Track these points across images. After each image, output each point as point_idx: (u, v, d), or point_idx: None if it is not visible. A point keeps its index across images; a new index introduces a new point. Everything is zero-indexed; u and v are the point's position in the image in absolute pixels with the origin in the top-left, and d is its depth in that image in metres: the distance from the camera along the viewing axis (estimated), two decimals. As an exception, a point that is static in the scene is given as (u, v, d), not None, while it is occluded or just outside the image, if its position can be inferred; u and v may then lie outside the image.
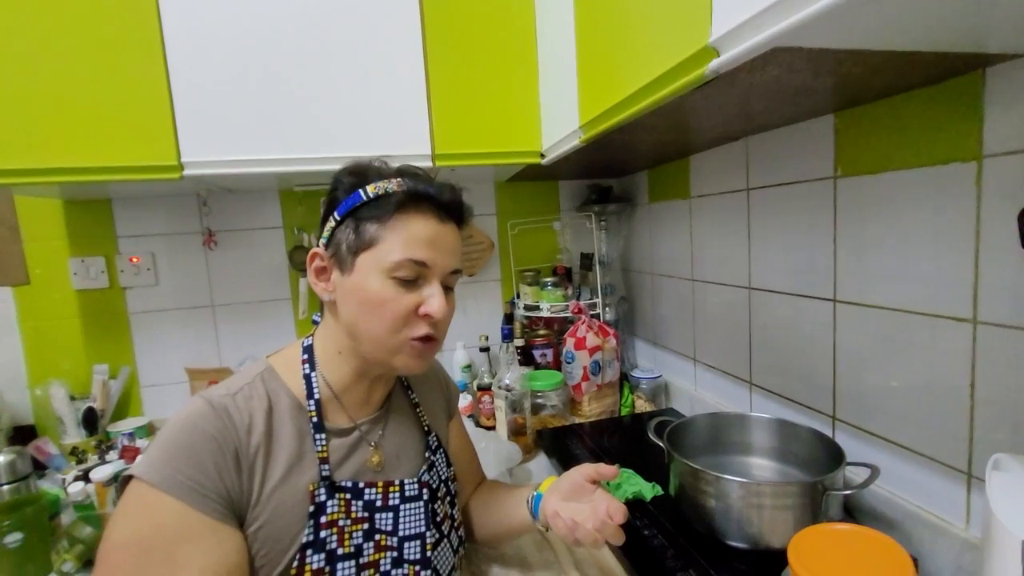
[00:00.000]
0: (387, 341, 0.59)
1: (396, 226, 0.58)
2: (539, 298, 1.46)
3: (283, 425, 0.57)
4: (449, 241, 0.62)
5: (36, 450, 1.12)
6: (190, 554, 0.47)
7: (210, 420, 0.52)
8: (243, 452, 0.53)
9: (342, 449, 0.61)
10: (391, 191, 0.58)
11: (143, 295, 1.38)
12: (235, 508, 0.52)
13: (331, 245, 0.60)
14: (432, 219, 0.60)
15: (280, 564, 0.53)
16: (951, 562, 0.68)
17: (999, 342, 0.62)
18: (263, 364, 0.62)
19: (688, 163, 1.24)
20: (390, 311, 0.58)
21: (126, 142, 1.01)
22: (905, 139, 0.71)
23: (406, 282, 0.58)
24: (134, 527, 0.48)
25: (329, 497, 0.56)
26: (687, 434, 0.89)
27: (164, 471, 0.49)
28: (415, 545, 0.62)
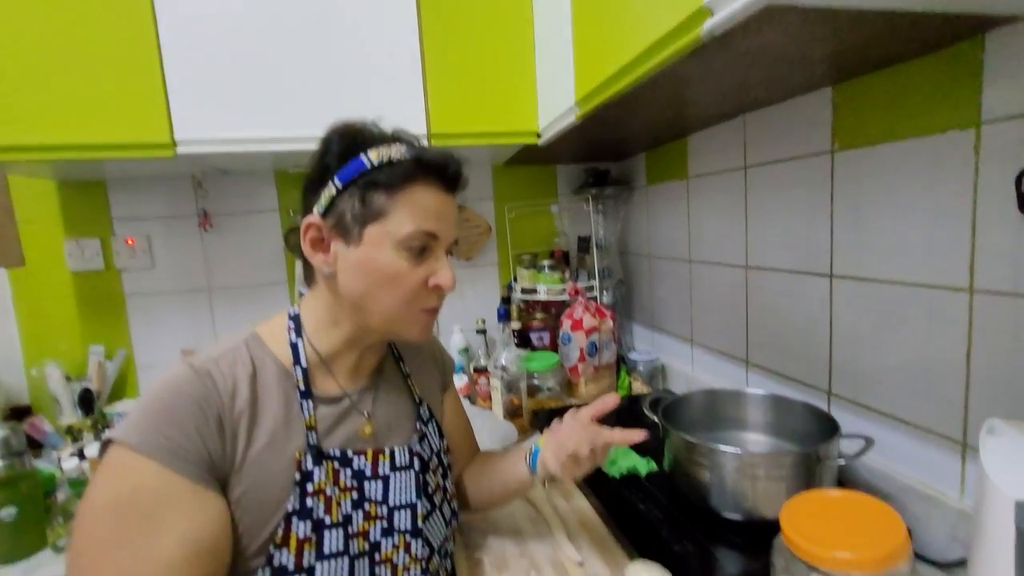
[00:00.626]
0: (398, 314, 0.59)
1: (406, 196, 0.56)
2: (536, 281, 1.46)
3: (269, 392, 0.56)
4: (451, 210, 0.61)
5: (31, 428, 1.12)
6: (171, 518, 0.46)
7: (192, 384, 0.51)
8: (226, 417, 0.52)
9: (331, 418, 0.60)
10: (396, 159, 0.56)
11: (139, 277, 1.37)
12: (217, 473, 0.51)
13: (330, 215, 0.57)
14: (439, 190, 0.59)
15: (264, 531, 0.52)
16: (945, 532, 0.68)
17: (996, 310, 0.61)
18: (248, 331, 0.61)
19: (686, 143, 1.23)
20: (404, 285, 0.57)
21: (118, 119, 1.00)
22: (903, 110, 0.70)
23: (416, 254, 0.57)
24: (113, 490, 0.47)
25: (316, 465, 0.55)
26: (682, 410, 0.89)
27: (144, 434, 0.48)
28: (406, 515, 0.61)
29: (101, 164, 1.13)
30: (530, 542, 0.76)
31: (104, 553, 0.45)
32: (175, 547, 0.46)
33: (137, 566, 0.45)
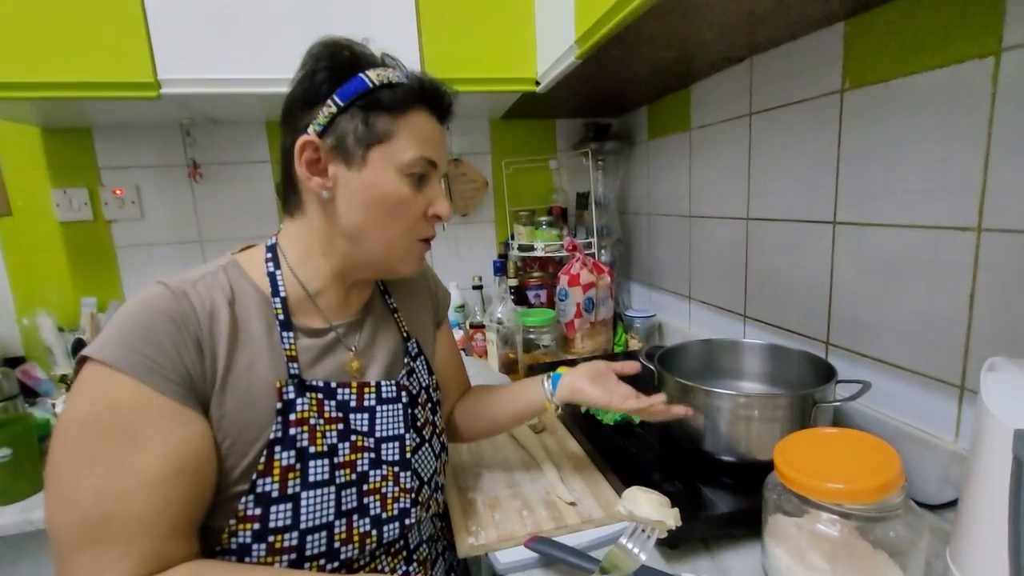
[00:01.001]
0: (398, 243, 0.58)
1: (411, 121, 0.55)
2: (534, 238, 1.43)
3: (249, 318, 0.54)
4: (444, 140, 0.61)
5: (23, 375, 1.11)
6: (150, 435, 0.45)
7: (168, 302, 0.50)
8: (204, 337, 0.50)
9: (315, 350, 0.58)
10: (398, 82, 0.54)
11: (129, 228, 1.35)
12: (197, 393, 0.49)
13: (329, 134, 0.53)
14: (434, 117, 0.59)
15: (247, 457, 0.51)
16: (937, 475, 0.68)
17: (1003, 248, 0.59)
18: (227, 258, 0.58)
19: (689, 93, 1.19)
20: (407, 213, 0.57)
21: (100, 57, 0.96)
22: (919, 40, 0.66)
23: (417, 181, 0.57)
24: (90, 406, 0.45)
25: (299, 395, 0.54)
26: (679, 359, 0.88)
27: (119, 350, 0.46)
28: (394, 446, 0.61)
29: (85, 108, 1.10)
30: (523, 484, 0.76)
31: (83, 469, 0.44)
32: (157, 464, 0.45)
33: (117, 480, 0.44)
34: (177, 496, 0.46)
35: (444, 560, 0.70)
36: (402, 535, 0.59)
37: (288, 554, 0.51)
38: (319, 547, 0.52)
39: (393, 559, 0.60)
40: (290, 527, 0.51)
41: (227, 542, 0.50)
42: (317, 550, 0.52)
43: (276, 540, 0.50)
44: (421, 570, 0.63)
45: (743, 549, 0.62)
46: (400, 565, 0.61)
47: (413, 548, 0.63)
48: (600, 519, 0.68)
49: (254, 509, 0.50)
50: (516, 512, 0.70)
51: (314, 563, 0.52)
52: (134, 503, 0.44)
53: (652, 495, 0.54)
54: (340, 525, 0.54)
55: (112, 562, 0.43)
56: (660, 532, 0.52)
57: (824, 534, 0.50)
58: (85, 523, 0.43)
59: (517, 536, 0.65)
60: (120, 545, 0.43)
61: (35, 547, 0.86)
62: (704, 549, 0.63)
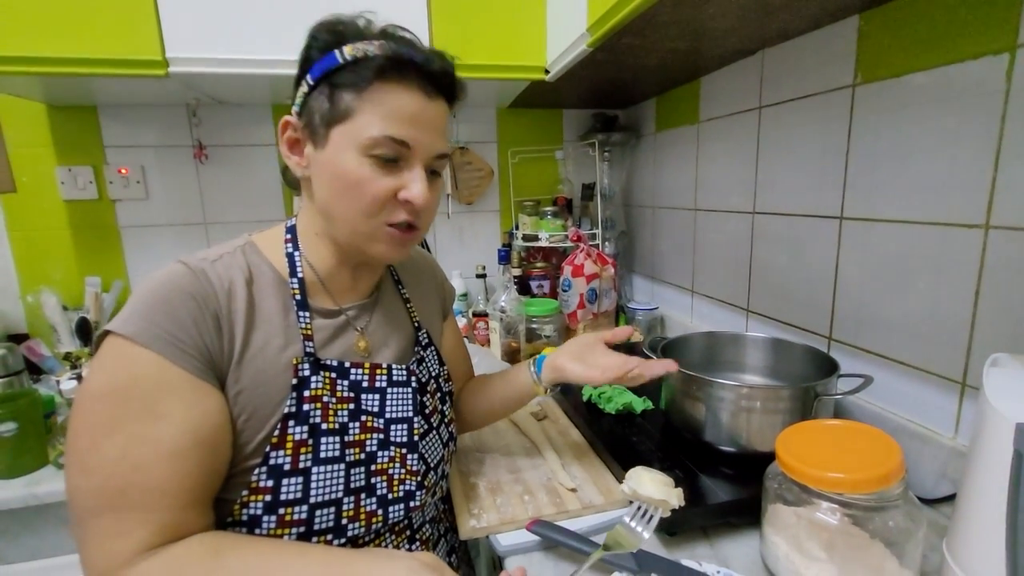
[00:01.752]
0: (361, 226, 0.54)
1: (375, 97, 0.51)
2: (538, 228, 1.43)
3: (266, 298, 0.55)
4: (436, 119, 0.55)
5: (28, 351, 1.12)
6: (170, 407, 0.46)
7: (188, 279, 0.50)
8: (223, 315, 0.51)
9: (328, 330, 0.59)
10: (372, 54, 0.51)
11: (133, 208, 1.35)
12: (215, 369, 0.50)
13: (304, 113, 0.54)
14: (417, 92, 0.52)
15: (262, 431, 0.52)
16: (936, 470, 0.68)
17: (1010, 246, 0.60)
18: (244, 239, 0.59)
19: (699, 85, 1.18)
20: (366, 194, 0.52)
21: (108, 33, 0.96)
22: (934, 35, 0.66)
23: (385, 163, 0.52)
24: (111, 378, 0.46)
25: (313, 373, 0.55)
26: (682, 350, 0.88)
27: (140, 324, 0.47)
28: (402, 429, 0.61)
29: (91, 85, 1.09)
30: (525, 470, 0.77)
31: (102, 439, 0.45)
32: (176, 436, 0.46)
33: (137, 450, 0.45)
34: (194, 468, 0.47)
35: (446, 541, 0.71)
36: (407, 516, 0.60)
37: (297, 527, 0.52)
38: (327, 522, 0.53)
39: (397, 537, 0.61)
40: (300, 500, 0.52)
41: (238, 513, 0.51)
42: (325, 525, 0.53)
43: (286, 512, 0.51)
44: (424, 549, 0.64)
45: (742, 538, 0.63)
46: (403, 544, 0.62)
47: (416, 528, 0.64)
48: (600, 505, 0.68)
49: (266, 481, 0.51)
50: (518, 496, 0.71)
51: (322, 538, 0.53)
52: (153, 473, 0.45)
53: (656, 475, 0.55)
54: (348, 502, 0.55)
55: (130, 528, 0.44)
56: (663, 511, 0.53)
57: (823, 523, 0.51)
58: (105, 490, 0.44)
59: (518, 520, 0.65)
60: (138, 512, 0.44)
61: (40, 520, 0.87)
62: (703, 537, 0.63)
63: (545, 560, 0.61)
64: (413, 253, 0.79)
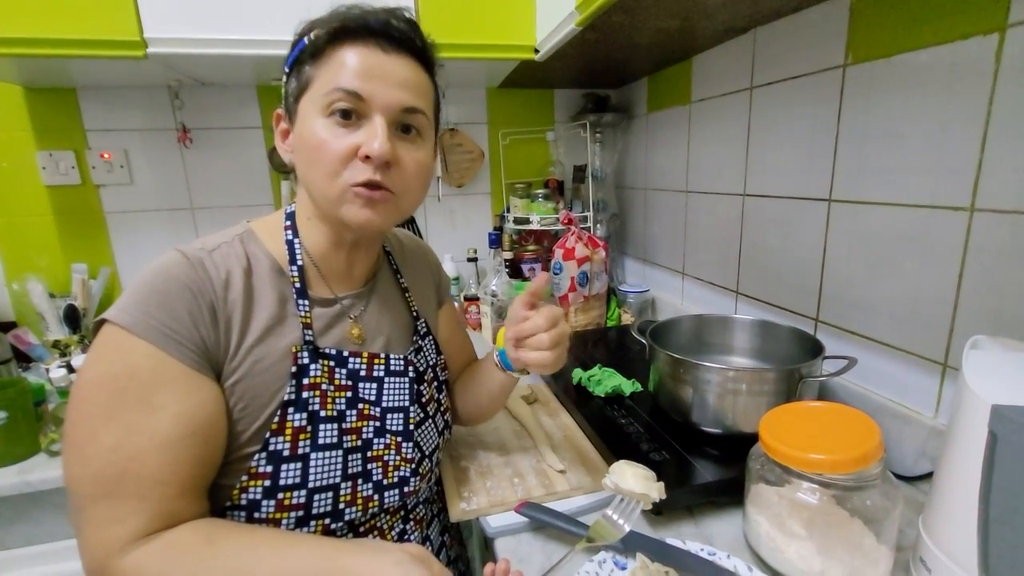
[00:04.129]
0: (327, 189, 0.53)
1: (330, 60, 0.52)
2: (529, 210, 1.42)
3: (263, 288, 0.55)
4: (397, 73, 0.53)
5: (16, 339, 1.11)
6: (165, 398, 0.46)
7: (184, 270, 0.50)
8: (219, 306, 0.51)
9: (324, 319, 0.59)
10: (332, 24, 0.52)
11: (118, 194, 1.32)
12: (210, 360, 0.50)
13: (285, 101, 0.57)
14: (372, 48, 0.52)
15: (259, 419, 0.52)
16: (915, 449, 0.70)
17: (994, 229, 0.60)
18: (242, 227, 0.59)
19: (690, 65, 1.17)
20: (326, 154, 0.52)
21: (84, 13, 0.93)
22: (925, 13, 0.65)
23: (344, 119, 0.52)
24: (107, 367, 0.46)
25: (312, 361, 0.55)
26: (670, 333, 0.89)
27: (136, 315, 0.47)
28: (398, 418, 0.62)
29: (69, 67, 1.06)
30: (515, 454, 0.78)
31: (98, 428, 0.45)
32: (169, 426, 0.46)
33: (132, 440, 0.45)
34: (188, 457, 0.47)
35: (439, 521, 0.72)
36: (401, 501, 0.61)
37: (295, 511, 0.53)
38: (325, 507, 0.54)
39: (392, 517, 0.62)
40: (299, 485, 0.53)
41: (237, 498, 0.51)
42: (323, 509, 0.54)
43: (285, 497, 0.52)
44: (417, 529, 0.66)
45: (726, 516, 0.64)
46: (398, 524, 0.63)
47: (410, 509, 0.65)
48: (588, 486, 0.70)
49: (266, 466, 0.52)
50: (507, 479, 0.72)
51: (320, 522, 0.54)
52: (148, 462, 0.45)
53: (638, 469, 0.56)
54: (346, 487, 0.56)
55: (125, 515, 0.45)
56: (644, 504, 0.54)
57: (804, 502, 0.52)
58: (101, 478, 0.44)
59: (508, 502, 0.67)
60: (134, 500, 0.45)
61: (34, 507, 0.88)
62: (688, 516, 0.65)
63: (534, 540, 0.62)
64: (409, 242, 0.78)
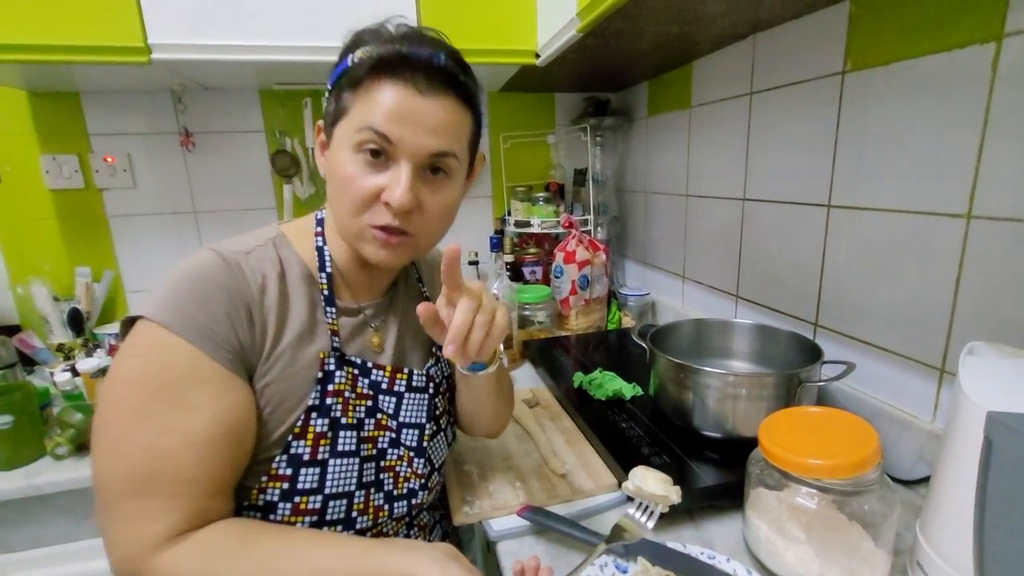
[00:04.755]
0: (349, 224, 0.54)
1: (366, 92, 0.51)
2: (530, 214, 1.43)
3: (296, 292, 0.56)
4: (431, 116, 0.51)
5: (21, 343, 1.12)
6: (200, 398, 0.46)
7: (223, 272, 0.50)
8: (255, 309, 0.51)
9: (348, 327, 0.60)
10: (374, 54, 0.51)
11: (121, 198, 1.33)
12: (244, 362, 0.51)
13: (324, 119, 0.57)
14: (408, 88, 0.50)
15: (285, 423, 0.53)
16: (913, 452, 0.70)
17: (991, 236, 0.61)
18: (274, 231, 0.59)
19: (691, 69, 1.18)
20: (351, 190, 0.52)
21: (89, 20, 0.94)
22: (923, 22, 0.66)
23: (374, 159, 0.51)
24: (143, 365, 0.46)
25: (338, 368, 0.56)
26: (671, 337, 0.90)
27: (175, 313, 0.47)
28: (413, 433, 0.63)
29: (73, 72, 1.07)
30: (517, 456, 0.79)
31: (134, 425, 0.45)
32: (204, 426, 0.46)
33: (167, 439, 0.45)
34: (221, 458, 0.48)
35: (441, 527, 0.73)
36: (409, 512, 0.62)
37: (310, 516, 0.53)
38: (338, 514, 0.55)
39: (397, 523, 0.63)
40: (316, 490, 0.53)
41: (255, 498, 0.52)
42: (336, 516, 0.55)
43: (301, 501, 0.53)
44: (421, 534, 0.67)
45: (726, 520, 0.65)
46: (402, 530, 0.64)
47: (415, 516, 0.66)
48: (590, 490, 0.70)
49: (285, 469, 0.52)
50: (509, 483, 0.72)
51: (332, 528, 0.55)
52: (181, 462, 0.46)
53: (657, 473, 0.57)
54: (359, 496, 0.57)
55: (157, 513, 0.45)
56: (663, 507, 0.56)
57: (802, 507, 0.53)
58: (134, 475, 0.45)
59: (510, 505, 0.67)
60: (166, 499, 0.45)
61: (40, 510, 0.89)
62: (689, 519, 0.65)
63: (536, 544, 0.63)
64: (432, 252, 0.77)
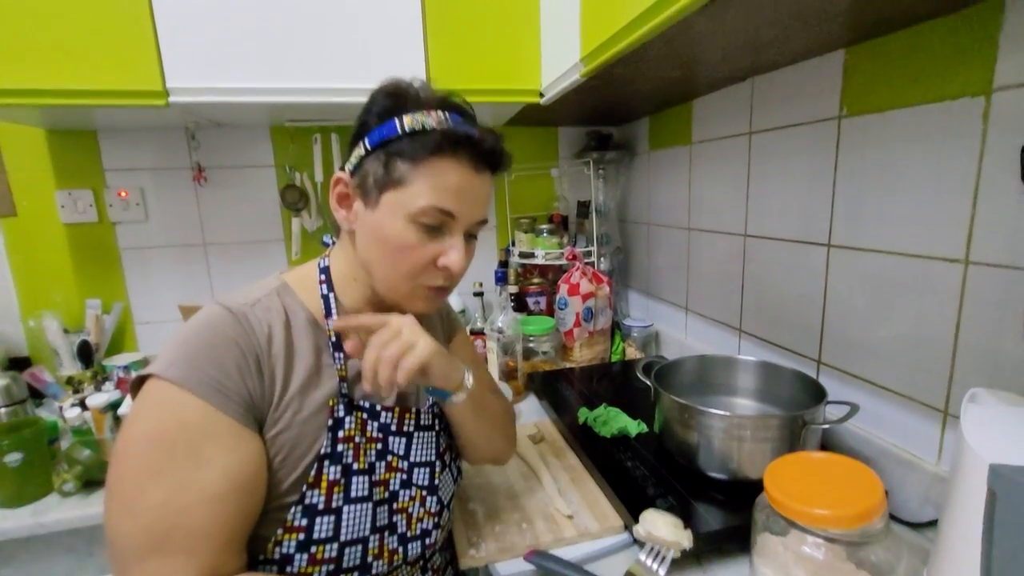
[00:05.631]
0: (401, 286, 0.58)
1: (428, 170, 0.54)
2: (534, 245, 1.45)
3: (302, 340, 0.57)
4: (481, 191, 0.58)
5: (32, 377, 1.13)
6: (213, 453, 0.47)
7: (231, 325, 0.52)
8: (264, 360, 0.53)
9: (356, 368, 0.61)
10: (429, 128, 0.54)
11: (133, 231, 1.36)
12: (255, 413, 0.52)
13: (357, 174, 0.57)
14: (467, 167, 0.56)
15: (296, 471, 0.54)
16: (919, 495, 0.70)
17: (988, 282, 0.62)
18: (278, 280, 0.61)
19: (691, 107, 1.21)
20: (409, 259, 0.56)
21: (109, 65, 0.97)
22: (915, 73, 0.68)
23: (429, 229, 0.56)
24: (157, 422, 0.47)
25: (347, 414, 0.57)
26: (674, 374, 0.90)
27: (186, 370, 0.48)
28: (425, 472, 0.63)
29: (91, 113, 1.11)
30: (522, 496, 0.79)
31: (148, 483, 0.46)
32: (218, 481, 0.47)
33: (181, 497, 0.46)
34: (234, 511, 0.48)
35: (452, 568, 0.73)
36: (423, 554, 0.62)
37: (327, 565, 0.54)
38: (354, 560, 0.55)
39: (411, 568, 0.64)
40: (331, 539, 0.54)
41: (271, 551, 0.52)
42: (352, 563, 0.55)
43: (318, 551, 0.53)
44: None
45: (732, 564, 0.65)
46: (416, 573, 0.65)
47: (428, 558, 0.67)
48: (596, 532, 0.70)
49: (301, 520, 0.53)
50: (515, 524, 0.72)
51: (348, 575, 0.55)
52: (196, 517, 0.46)
53: (668, 517, 0.57)
54: (374, 540, 0.57)
55: (174, 571, 0.45)
56: (675, 552, 0.55)
57: (809, 555, 0.53)
58: (150, 534, 0.45)
59: (517, 548, 0.67)
60: (182, 556, 0.46)
61: (47, 549, 0.89)
62: (696, 563, 0.65)
63: (543, 590, 0.63)
64: None
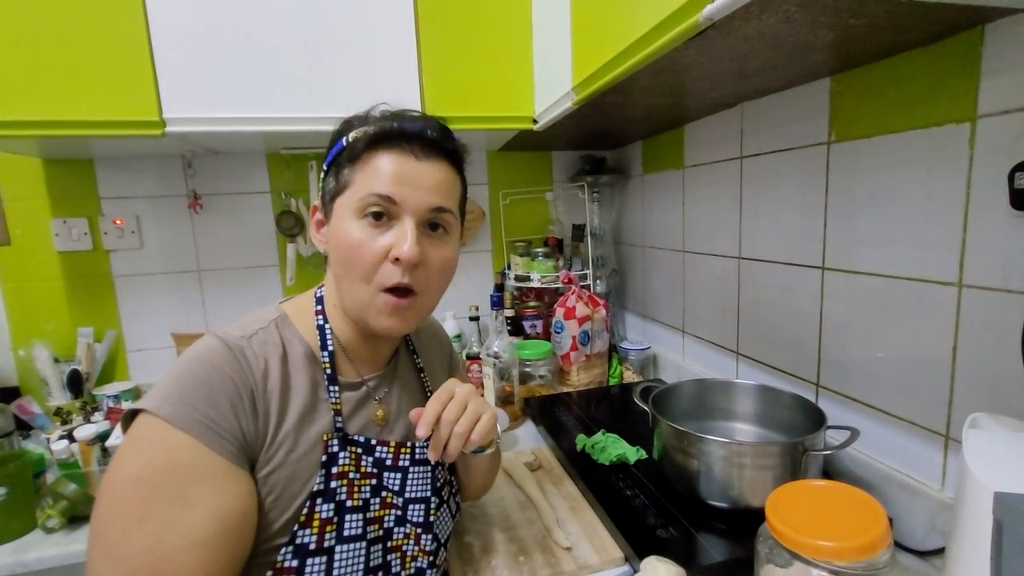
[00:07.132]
0: (359, 292, 0.56)
1: (364, 165, 0.56)
2: (530, 269, 1.45)
3: (298, 374, 0.56)
4: (428, 177, 0.56)
5: (19, 409, 1.11)
6: (203, 494, 0.46)
7: (227, 359, 0.51)
8: (259, 396, 0.52)
9: (352, 402, 0.60)
10: (368, 131, 0.56)
11: (128, 258, 1.35)
12: (248, 451, 0.50)
13: (324, 197, 0.60)
14: (405, 155, 0.55)
15: (289, 510, 0.52)
16: (925, 522, 0.69)
17: (983, 305, 0.62)
18: (276, 311, 0.60)
19: (683, 132, 1.22)
20: (359, 254, 0.54)
21: (106, 96, 0.98)
22: (901, 101, 0.70)
23: (375, 221, 0.55)
24: (146, 461, 0.45)
25: (341, 449, 0.56)
26: (672, 399, 0.89)
27: (179, 407, 0.47)
28: (419, 508, 0.62)
29: (88, 142, 1.11)
30: (519, 527, 0.77)
31: (133, 527, 0.44)
32: (207, 523, 0.45)
33: (168, 540, 0.44)
34: (221, 556, 0.46)
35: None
36: None
37: None
38: None
39: None
40: None
41: None
42: None
43: None
44: None
45: (736, 598, 0.63)
46: None
47: None
48: (595, 565, 0.68)
49: (291, 561, 0.51)
50: (512, 557, 0.70)
51: None
52: (182, 561, 0.44)
53: (670, 566, 0.56)
54: None
55: None
56: None
57: (814, 589, 0.51)
58: None
59: (514, 584, 0.65)
60: None
61: (26, 589, 0.85)
62: (698, 598, 0.63)
63: (541, 628, 0.61)
64: (425, 323, 0.79)
